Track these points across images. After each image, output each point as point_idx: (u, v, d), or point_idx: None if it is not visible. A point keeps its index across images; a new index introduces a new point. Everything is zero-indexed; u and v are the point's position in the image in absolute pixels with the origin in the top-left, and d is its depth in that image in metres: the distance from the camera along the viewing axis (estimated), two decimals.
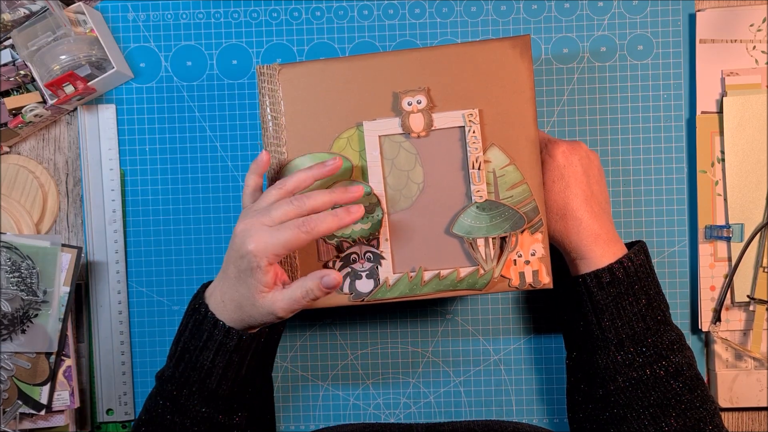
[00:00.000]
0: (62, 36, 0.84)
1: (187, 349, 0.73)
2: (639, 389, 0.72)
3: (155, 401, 0.74)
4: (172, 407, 0.73)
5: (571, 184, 0.75)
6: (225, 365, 0.71)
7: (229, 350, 0.71)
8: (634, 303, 0.73)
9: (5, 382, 0.84)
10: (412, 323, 0.90)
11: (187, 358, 0.72)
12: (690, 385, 0.72)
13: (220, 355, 0.71)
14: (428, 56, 0.74)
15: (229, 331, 0.71)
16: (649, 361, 0.72)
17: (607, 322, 0.73)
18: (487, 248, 0.75)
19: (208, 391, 0.72)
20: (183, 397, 0.72)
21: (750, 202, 0.85)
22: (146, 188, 0.90)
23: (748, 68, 0.86)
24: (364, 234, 0.75)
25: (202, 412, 0.72)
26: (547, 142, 0.77)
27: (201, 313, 0.72)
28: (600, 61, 0.88)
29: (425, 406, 0.90)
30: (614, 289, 0.73)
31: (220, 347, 0.71)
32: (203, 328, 0.72)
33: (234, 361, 0.72)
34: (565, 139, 0.78)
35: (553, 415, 0.90)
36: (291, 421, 0.91)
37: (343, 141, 0.75)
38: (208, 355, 0.71)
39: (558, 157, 0.75)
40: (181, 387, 0.73)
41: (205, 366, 0.72)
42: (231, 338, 0.71)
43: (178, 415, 0.73)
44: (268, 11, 0.89)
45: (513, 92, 0.74)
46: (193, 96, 0.90)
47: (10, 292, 0.84)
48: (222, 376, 0.72)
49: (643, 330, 0.73)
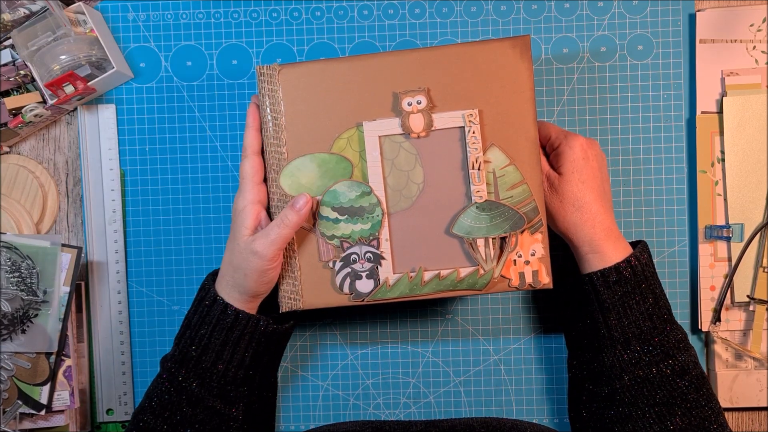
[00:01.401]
0: (62, 36, 0.84)
1: (189, 324, 0.76)
2: (645, 388, 0.72)
3: (157, 381, 0.77)
4: (170, 386, 0.75)
5: (588, 177, 0.75)
6: (221, 342, 0.74)
7: (225, 326, 0.74)
8: (641, 302, 0.74)
9: (5, 382, 0.84)
10: (412, 323, 0.90)
11: (188, 334, 0.75)
12: (696, 384, 0.73)
13: (217, 331, 0.74)
14: (428, 56, 0.74)
15: (227, 306, 0.74)
16: (656, 359, 0.72)
17: (614, 321, 0.74)
18: (487, 248, 0.75)
19: (202, 370, 0.74)
20: (182, 376, 0.74)
21: (750, 202, 0.85)
22: (146, 188, 0.90)
23: (748, 68, 0.86)
24: (364, 234, 0.75)
25: (197, 393, 0.74)
26: (566, 134, 0.77)
27: (205, 290, 0.76)
28: (600, 61, 0.88)
29: (425, 406, 0.90)
30: (621, 288, 0.74)
31: (218, 322, 0.74)
32: (204, 303, 0.75)
33: (230, 338, 0.74)
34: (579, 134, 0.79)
35: (554, 415, 0.90)
36: (291, 421, 0.91)
37: (343, 141, 0.75)
38: (206, 330, 0.74)
39: (577, 149, 0.75)
40: (180, 364, 0.75)
41: (202, 342, 0.74)
42: (228, 314, 0.74)
43: (175, 393, 0.74)
44: (268, 11, 0.89)
45: (513, 92, 0.74)
46: (193, 96, 0.90)
47: (10, 292, 0.84)
48: (218, 354, 0.74)
49: (650, 329, 0.73)
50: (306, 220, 0.75)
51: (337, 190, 0.75)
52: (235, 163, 0.89)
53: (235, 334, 0.74)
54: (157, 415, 0.75)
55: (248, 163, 0.76)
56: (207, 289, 0.76)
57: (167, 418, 0.74)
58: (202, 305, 0.76)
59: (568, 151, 0.76)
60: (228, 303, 0.74)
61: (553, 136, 0.78)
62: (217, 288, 0.76)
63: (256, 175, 0.75)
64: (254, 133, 0.76)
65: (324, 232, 0.76)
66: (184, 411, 0.74)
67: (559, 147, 0.77)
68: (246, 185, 0.75)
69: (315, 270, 0.76)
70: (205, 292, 0.76)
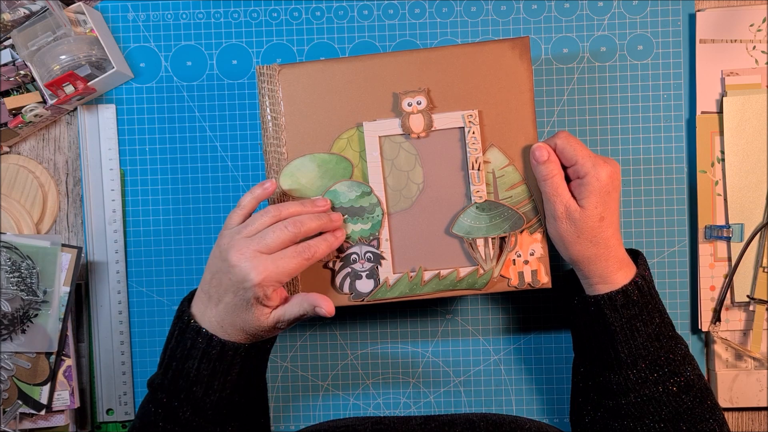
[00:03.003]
0: (62, 36, 0.84)
1: (173, 356, 0.72)
2: (651, 405, 0.71)
3: (147, 408, 0.74)
4: (164, 415, 0.72)
5: (609, 213, 0.72)
6: (210, 374, 0.71)
7: (212, 358, 0.71)
8: (649, 323, 0.72)
9: (5, 382, 0.84)
10: (412, 323, 0.90)
11: (174, 366, 0.72)
12: (700, 397, 0.72)
13: (204, 363, 0.71)
14: (428, 57, 0.74)
15: (212, 339, 0.71)
16: (663, 378, 0.71)
17: (621, 344, 0.72)
18: (487, 248, 0.75)
19: (195, 400, 0.71)
20: (173, 407, 0.72)
21: (750, 202, 0.85)
22: (146, 188, 0.90)
23: (748, 68, 0.86)
24: (364, 234, 0.75)
25: (192, 422, 0.71)
26: (594, 161, 0.71)
27: (184, 322, 0.72)
28: (600, 61, 0.88)
29: (425, 406, 0.90)
30: (628, 311, 0.72)
31: (204, 355, 0.71)
32: (187, 336, 0.72)
33: (219, 369, 0.71)
34: (604, 157, 0.73)
35: (553, 415, 0.90)
36: (291, 421, 0.91)
37: (343, 141, 0.75)
38: (193, 363, 0.71)
39: (604, 179, 0.71)
40: (171, 395, 0.72)
41: (191, 374, 0.71)
42: (214, 346, 0.71)
43: (169, 423, 0.72)
44: (268, 11, 0.89)
45: (512, 93, 0.74)
46: (193, 96, 0.90)
47: (10, 292, 0.84)
48: (208, 384, 0.71)
49: (657, 349, 0.72)
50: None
51: (337, 190, 0.76)
52: (235, 163, 0.89)
53: (224, 364, 0.71)
54: None
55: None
56: (186, 321, 0.72)
57: None
58: (184, 338, 0.72)
59: (594, 183, 0.70)
60: (212, 335, 0.71)
61: (579, 162, 0.71)
62: (196, 313, 0.73)
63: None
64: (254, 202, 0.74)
65: None
66: None
67: (585, 177, 0.71)
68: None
69: (315, 270, 0.76)
70: (185, 324, 0.72)
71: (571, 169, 0.72)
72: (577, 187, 0.72)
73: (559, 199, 0.71)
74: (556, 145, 0.72)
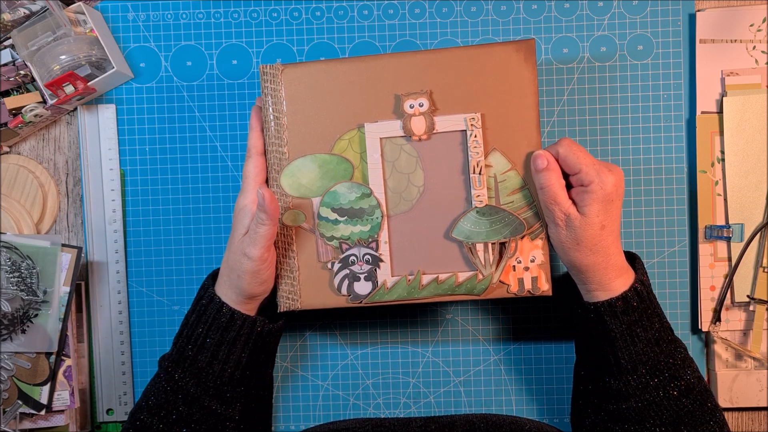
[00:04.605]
0: (62, 36, 0.84)
1: (186, 323, 0.77)
2: (652, 409, 0.71)
3: (154, 380, 0.77)
4: (166, 385, 0.75)
5: (610, 222, 0.71)
6: (217, 342, 0.74)
7: (221, 326, 0.74)
8: (649, 328, 0.72)
9: (5, 382, 0.85)
10: (412, 323, 0.90)
11: (185, 333, 0.76)
12: (701, 400, 0.72)
13: (212, 331, 0.74)
14: (431, 59, 0.74)
15: (223, 306, 0.74)
16: (663, 383, 0.71)
17: (622, 350, 0.72)
18: (486, 253, 0.75)
19: (198, 369, 0.74)
20: (177, 375, 0.75)
21: (750, 202, 0.85)
22: (146, 188, 0.90)
23: (748, 68, 0.86)
24: (363, 236, 0.75)
25: (193, 393, 0.74)
26: (598, 169, 0.70)
27: (203, 289, 0.77)
28: (600, 61, 0.88)
29: (425, 406, 0.90)
30: (628, 318, 0.71)
31: (213, 322, 0.74)
32: (201, 302, 0.76)
33: (225, 339, 0.74)
34: (608, 164, 0.72)
35: (553, 415, 0.90)
36: (291, 421, 0.91)
37: (344, 142, 0.75)
38: (202, 329, 0.74)
39: (609, 188, 0.70)
40: (176, 363, 0.75)
41: (198, 341, 0.74)
42: (224, 314, 0.74)
43: (171, 393, 0.75)
44: (268, 11, 0.89)
45: (516, 97, 0.74)
46: (193, 96, 0.89)
47: (10, 292, 0.84)
48: (213, 354, 0.74)
49: (657, 353, 0.72)
50: (295, 221, 0.76)
51: (337, 191, 0.75)
52: (235, 163, 0.89)
53: (230, 334, 0.74)
54: (153, 414, 0.75)
55: (251, 164, 0.76)
56: (206, 288, 0.77)
57: (163, 417, 0.74)
58: (199, 304, 0.76)
59: (599, 191, 0.69)
60: (224, 303, 0.74)
61: (583, 170, 0.70)
62: (216, 288, 0.76)
63: (258, 176, 0.75)
64: (258, 134, 0.76)
65: (323, 232, 0.76)
66: (180, 410, 0.74)
67: (590, 186, 0.70)
68: (248, 185, 0.75)
69: (314, 270, 0.76)
70: (204, 291, 0.76)
71: (575, 177, 0.71)
72: (580, 194, 0.71)
73: (557, 208, 0.71)
74: (559, 153, 0.71)
